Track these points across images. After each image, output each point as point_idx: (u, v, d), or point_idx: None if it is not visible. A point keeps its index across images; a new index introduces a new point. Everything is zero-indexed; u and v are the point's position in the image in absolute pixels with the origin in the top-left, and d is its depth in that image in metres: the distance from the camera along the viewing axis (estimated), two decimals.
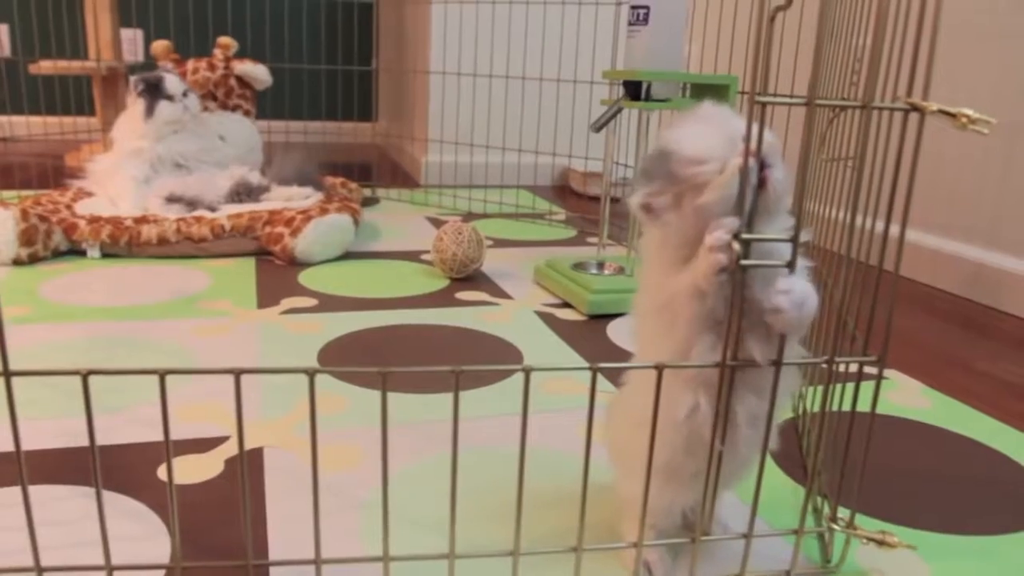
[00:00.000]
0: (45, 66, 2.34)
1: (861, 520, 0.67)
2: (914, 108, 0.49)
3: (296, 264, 1.42)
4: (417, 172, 2.44)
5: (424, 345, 1.04)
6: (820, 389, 0.82)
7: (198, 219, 1.45)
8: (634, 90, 1.12)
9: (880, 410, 0.89)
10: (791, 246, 0.48)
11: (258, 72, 1.95)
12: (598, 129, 1.13)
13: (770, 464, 0.76)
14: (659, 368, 0.50)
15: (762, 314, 0.49)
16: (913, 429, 0.86)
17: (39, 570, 0.49)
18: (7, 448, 0.73)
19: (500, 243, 1.65)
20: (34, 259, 1.35)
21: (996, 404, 0.95)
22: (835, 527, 0.59)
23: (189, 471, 0.70)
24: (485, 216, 1.94)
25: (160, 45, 1.89)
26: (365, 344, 1.04)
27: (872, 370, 0.55)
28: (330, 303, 1.20)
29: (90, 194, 1.64)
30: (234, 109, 1.95)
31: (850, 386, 0.62)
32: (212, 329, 1.07)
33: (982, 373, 1.05)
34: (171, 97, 1.64)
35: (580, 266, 1.30)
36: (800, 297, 0.47)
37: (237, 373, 0.46)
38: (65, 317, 1.09)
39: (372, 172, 2.48)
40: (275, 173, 1.72)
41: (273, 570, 0.57)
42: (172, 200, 1.55)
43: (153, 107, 1.62)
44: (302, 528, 0.63)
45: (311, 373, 0.47)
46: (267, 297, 1.22)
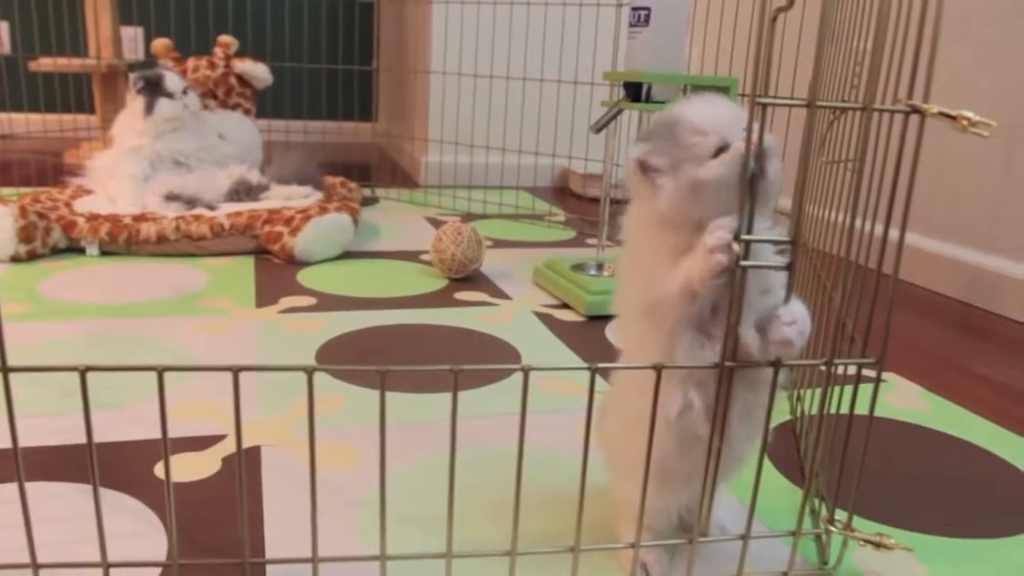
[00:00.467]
0: (45, 63, 2.34)
1: (858, 522, 0.67)
2: (915, 110, 0.50)
3: (295, 263, 1.42)
4: (417, 172, 2.44)
5: (423, 345, 1.04)
6: (819, 391, 0.82)
7: (197, 217, 1.45)
8: (634, 91, 1.12)
9: (878, 412, 0.89)
10: (776, 247, 0.49)
11: (258, 71, 1.95)
12: (598, 130, 1.13)
13: (768, 466, 0.76)
14: (657, 369, 0.50)
15: (765, 333, 0.50)
16: (911, 432, 0.86)
17: (36, 567, 0.49)
18: (5, 445, 0.73)
19: (499, 244, 1.65)
20: (32, 256, 1.35)
21: (994, 407, 0.95)
22: (832, 529, 0.59)
23: (186, 469, 0.70)
24: (484, 217, 1.94)
25: (160, 43, 1.89)
26: (363, 343, 1.04)
27: (871, 372, 0.55)
28: (329, 302, 1.20)
29: (89, 192, 1.64)
30: (234, 108, 1.95)
31: (848, 388, 0.62)
32: (210, 327, 1.07)
33: (980, 377, 1.05)
34: (170, 94, 1.63)
35: (579, 267, 1.30)
36: (804, 326, 0.49)
37: (235, 370, 0.46)
38: (63, 314, 1.09)
39: (372, 172, 2.48)
40: (275, 172, 1.71)
41: (270, 568, 0.57)
42: (171, 198, 1.55)
43: (152, 104, 1.62)
44: (299, 526, 0.63)
45: (310, 371, 0.46)
46: (266, 296, 1.22)
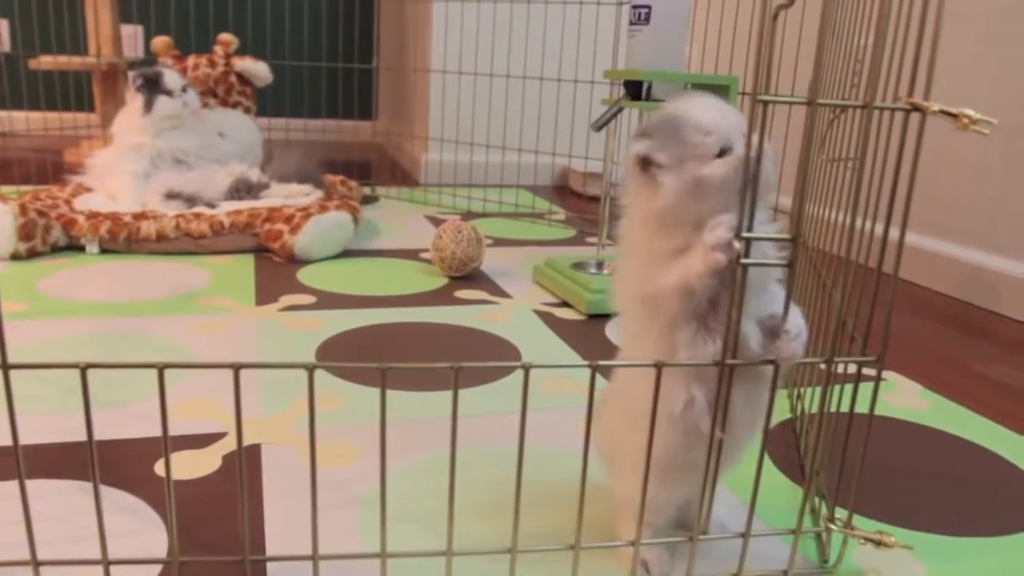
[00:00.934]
0: (45, 61, 2.34)
1: (858, 520, 0.67)
2: (915, 108, 0.49)
3: (295, 261, 1.42)
4: (417, 171, 2.44)
5: (423, 343, 1.04)
6: (819, 389, 0.83)
7: (197, 215, 1.45)
8: (635, 90, 1.12)
9: (878, 411, 0.89)
10: (774, 246, 0.50)
11: (258, 69, 1.95)
12: (598, 129, 1.13)
13: (768, 464, 0.76)
14: (658, 367, 0.50)
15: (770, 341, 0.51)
16: (911, 430, 0.86)
17: (36, 564, 0.49)
18: (5, 442, 0.73)
19: (499, 242, 1.65)
20: (32, 254, 1.35)
21: (993, 406, 0.95)
22: (833, 527, 0.59)
23: (187, 467, 0.70)
24: (484, 215, 1.94)
25: (160, 41, 1.89)
26: (364, 342, 1.04)
27: (871, 371, 0.55)
28: (329, 300, 1.20)
29: (89, 190, 1.64)
30: (234, 106, 1.95)
31: (849, 387, 0.62)
32: (211, 325, 1.07)
33: (979, 375, 1.05)
34: (170, 92, 1.63)
35: (579, 266, 1.30)
36: (805, 335, 0.50)
37: (236, 368, 0.46)
38: (63, 312, 1.09)
39: (372, 170, 2.48)
40: (275, 170, 1.71)
41: (270, 566, 0.57)
42: (171, 196, 1.55)
43: (151, 102, 1.62)
44: (299, 524, 0.63)
45: (310, 368, 0.46)
46: (266, 294, 1.22)
